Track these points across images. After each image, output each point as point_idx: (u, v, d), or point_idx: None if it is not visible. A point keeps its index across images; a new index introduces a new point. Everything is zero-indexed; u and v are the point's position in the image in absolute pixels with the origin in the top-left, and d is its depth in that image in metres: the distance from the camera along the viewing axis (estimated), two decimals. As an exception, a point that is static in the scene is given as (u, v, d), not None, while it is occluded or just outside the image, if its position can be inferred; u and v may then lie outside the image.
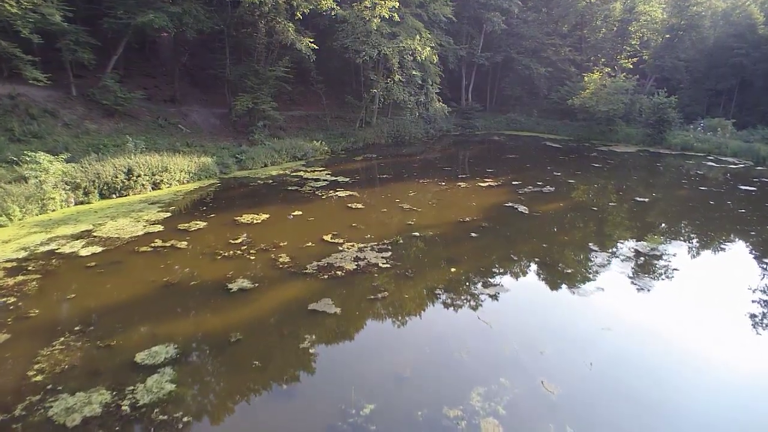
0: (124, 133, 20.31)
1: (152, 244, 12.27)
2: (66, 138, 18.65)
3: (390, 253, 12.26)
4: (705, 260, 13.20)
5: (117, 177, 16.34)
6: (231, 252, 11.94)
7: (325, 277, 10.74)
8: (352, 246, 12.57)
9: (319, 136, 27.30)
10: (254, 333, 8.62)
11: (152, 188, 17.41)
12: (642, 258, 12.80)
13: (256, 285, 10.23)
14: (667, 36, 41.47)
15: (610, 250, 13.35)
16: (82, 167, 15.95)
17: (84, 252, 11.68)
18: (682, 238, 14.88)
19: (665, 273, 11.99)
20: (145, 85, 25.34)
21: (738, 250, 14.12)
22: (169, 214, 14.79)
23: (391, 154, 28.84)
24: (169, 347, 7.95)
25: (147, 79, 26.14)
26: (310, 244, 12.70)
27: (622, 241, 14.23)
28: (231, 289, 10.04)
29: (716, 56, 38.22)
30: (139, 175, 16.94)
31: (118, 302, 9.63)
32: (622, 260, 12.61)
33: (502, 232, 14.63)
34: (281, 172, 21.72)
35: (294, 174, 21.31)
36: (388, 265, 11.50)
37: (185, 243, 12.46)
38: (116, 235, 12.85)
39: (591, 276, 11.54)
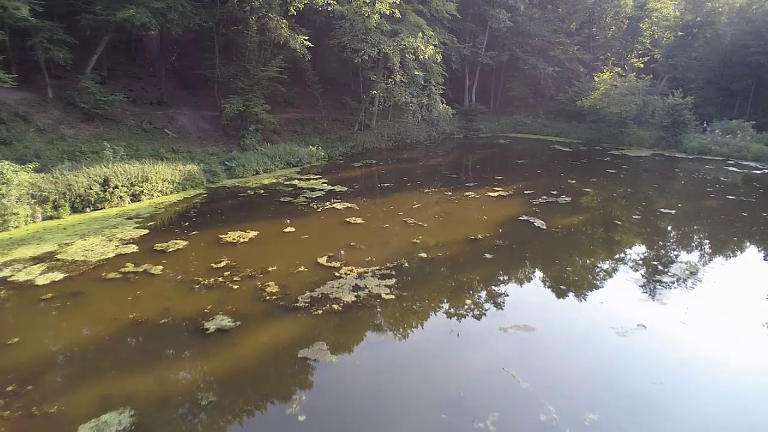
0: (103, 139, 18.72)
1: (122, 270, 10.75)
2: (38, 144, 17.07)
3: (394, 280, 10.68)
4: (754, 285, 11.54)
5: (91, 188, 14.82)
6: (212, 279, 10.39)
7: (319, 312, 9.18)
8: (351, 271, 11.00)
9: (315, 141, 25.71)
10: (231, 392, 7.05)
11: (131, 200, 15.84)
12: (682, 284, 11.22)
13: (238, 324, 8.68)
14: (681, 34, 39.77)
15: (643, 275, 11.75)
16: (53, 177, 14.45)
17: (41, 280, 10.14)
18: (722, 259, 13.27)
19: (711, 302, 10.40)
20: (131, 86, 23.72)
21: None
22: (146, 231, 13.25)
23: (392, 160, 27.22)
24: (124, 414, 6.40)
25: (132, 80, 24.50)
26: (302, 268, 11.13)
27: (654, 262, 12.63)
28: (208, 329, 8.49)
29: (732, 55, 36.50)
30: (116, 186, 15.40)
31: (69, 349, 8.09)
32: (659, 287, 11.02)
33: (520, 253, 13.03)
34: (274, 180, 20.10)
35: (287, 183, 19.70)
36: (393, 296, 9.93)
37: (160, 268, 10.92)
38: (83, 258, 11.31)
39: (628, 309, 9.92)
